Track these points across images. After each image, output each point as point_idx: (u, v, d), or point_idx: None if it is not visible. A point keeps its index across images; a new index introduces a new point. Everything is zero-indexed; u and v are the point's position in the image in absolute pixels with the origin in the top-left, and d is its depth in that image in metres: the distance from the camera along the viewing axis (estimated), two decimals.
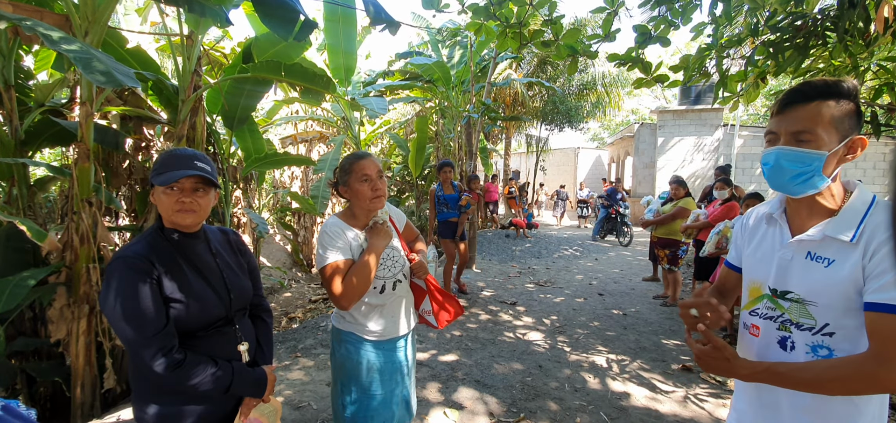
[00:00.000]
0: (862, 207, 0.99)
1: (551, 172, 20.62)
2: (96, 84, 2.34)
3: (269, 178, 11.12)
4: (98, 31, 3.10)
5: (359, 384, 1.58)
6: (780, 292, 1.07)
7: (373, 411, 1.59)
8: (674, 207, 5.52)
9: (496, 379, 3.28)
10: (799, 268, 1.04)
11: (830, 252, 0.99)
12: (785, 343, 1.06)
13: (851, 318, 0.96)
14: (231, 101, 4.84)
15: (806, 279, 1.02)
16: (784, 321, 1.06)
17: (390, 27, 2.80)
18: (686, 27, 4.05)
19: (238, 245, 1.48)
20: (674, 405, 3.00)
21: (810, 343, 1.02)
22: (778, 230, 1.12)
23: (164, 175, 1.22)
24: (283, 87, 8.29)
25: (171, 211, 1.24)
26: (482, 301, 5.42)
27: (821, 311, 1.00)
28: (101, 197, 3.23)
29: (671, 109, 14.67)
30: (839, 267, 0.97)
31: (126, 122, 4.52)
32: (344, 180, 1.62)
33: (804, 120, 0.98)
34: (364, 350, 1.60)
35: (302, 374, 3.29)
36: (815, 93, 0.98)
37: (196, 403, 1.27)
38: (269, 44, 4.85)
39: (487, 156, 13.13)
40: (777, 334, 1.07)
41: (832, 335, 0.99)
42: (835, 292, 0.97)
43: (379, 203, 1.63)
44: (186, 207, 1.25)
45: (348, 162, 1.62)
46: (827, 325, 0.99)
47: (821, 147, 0.97)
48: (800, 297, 1.03)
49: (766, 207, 1.18)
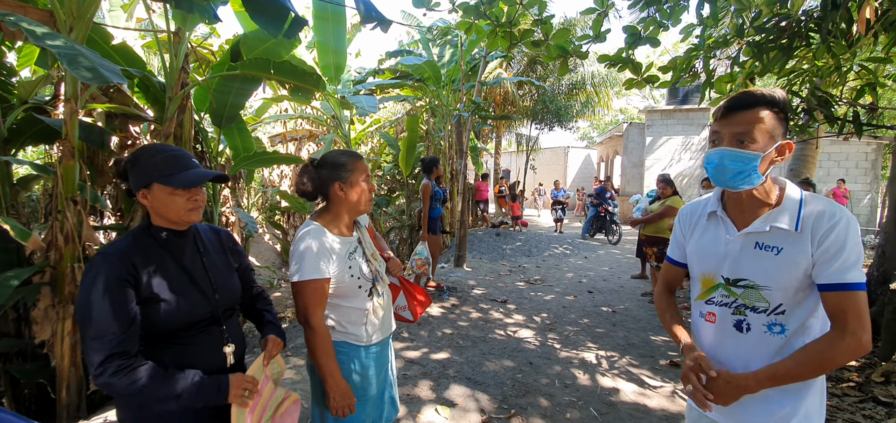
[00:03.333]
0: (796, 198, 1.15)
1: (541, 171, 20.73)
2: (82, 81, 2.31)
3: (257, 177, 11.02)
4: (83, 27, 3.05)
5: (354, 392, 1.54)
6: (732, 280, 1.20)
7: (366, 415, 1.58)
8: (661, 206, 5.59)
9: (487, 376, 3.30)
10: (749, 257, 1.17)
11: (777, 241, 1.14)
12: (741, 325, 1.19)
13: (800, 296, 1.12)
14: (219, 98, 4.78)
15: (758, 267, 1.15)
16: (738, 306, 1.19)
17: (381, 25, 2.80)
18: (675, 28, 4.11)
19: (229, 244, 1.47)
20: (662, 400, 3.04)
21: (766, 323, 1.15)
22: (721, 224, 1.24)
23: (179, 177, 1.22)
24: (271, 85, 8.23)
25: (183, 211, 1.24)
26: (473, 299, 5.44)
27: (774, 294, 1.14)
28: (87, 196, 3.18)
29: (659, 109, 14.84)
30: (788, 254, 1.12)
31: (111, 119, 4.45)
32: (343, 178, 1.52)
33: (744, 124, 1.12)
34: (358, 357, 1.56)
35: (293, 373, 3.28)
36: (754, 101, 1.12)
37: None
38: (257, 41, 4.79)
39: (478, 155, 13.16)
40: (732, 319, 1.20)
41: (784, 313, 1.14)
42: (786, 276, 1.12)
43: (371, 206, 1.61)
44: (198, 206, 1.27)
45: (348, 159, 1.54)
46: (780, 305, 1.14)
47: (757, 149, 1.11)
48: (754, 283, 1.16)
49: (702, 205, 1.33)
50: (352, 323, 1.56)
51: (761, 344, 1.16)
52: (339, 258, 1.50)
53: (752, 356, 1.16)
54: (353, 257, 1.55)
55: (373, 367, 1.60)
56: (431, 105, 10.12)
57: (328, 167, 1.54)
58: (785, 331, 1.14)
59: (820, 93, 3.91)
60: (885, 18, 2.38)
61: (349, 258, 1.53)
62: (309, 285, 1.43)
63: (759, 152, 1.11)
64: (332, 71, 7.20)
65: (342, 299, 1.54)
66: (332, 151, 1.59)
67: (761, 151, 1.11)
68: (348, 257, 1.53)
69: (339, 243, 1.52)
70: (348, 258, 1.53)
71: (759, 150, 1.11)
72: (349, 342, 1.56)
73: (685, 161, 14.29)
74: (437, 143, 10.46)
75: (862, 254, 1.09)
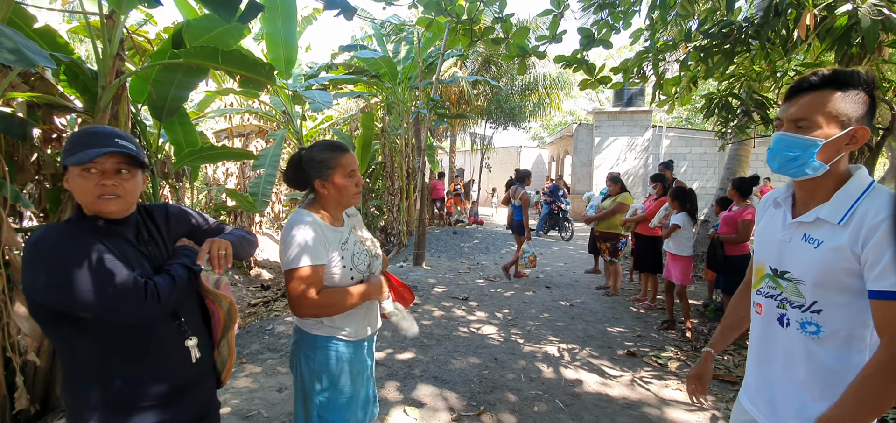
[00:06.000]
0: (856, 191, 1.02)
1: (496, 169, 21.06)
2: (6, 63, 2.04)
3: (201, 174, 10.36)
4: (4, 6, 2.72)
5: (336, 386, 1.48)
6: (779, 272, 1.12)
7: (350, 412, 1.52)
8: (613, 203, 5.82)
9: (454, 374, 3.27)
10: (795, 249, 1.09)
11: (820, 234, 1.04)
12: (782, 320, 1.11)
13: (838, 296, 1.01)
14: (160, 89, 4.43)
15: (799, 259, 1.07)
16: (782, 300, 1.11)
17: (345, 13, 2.69)
18: (626, 32, 4.28)
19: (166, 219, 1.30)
20: (622, 389, 3.15)
21: (800, 320, 1.07)
22: (781, 213, 1.17)
23: (79, 154, 1.05)
24: (216, 77, 7.77)
25: (91, 197, 1.07)
26: (434, 298, 5.40)
27: (809, 289, 1.05)
28: (7, 194, 2.84)
29: (606, 111, 15.52)
30: (826, 248, 1.02)
31: (33, 110, 4.00)
32: (323, 174, 1.48)
33: (805, 108, 1.03)
34: (342, 351, 1.51)
35: (249, 381, 3.09)
36: (822, 82, 1.02)
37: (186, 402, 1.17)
38: (202, 29, 4.49)
39: (434, 153, 13.14)
40: (776, 312, 1.13)
41: (820, 313, 1.04)
42: (821, 272, 1.02)
43: (358, 199, 1.55)
44: (108, 191, 1.08)
45: (329, 155, 1.49)
46: (815, 303, 1.04)
47: (816, 134, 1.01)
48: (793, 276, 1.08)
49: (775, 192, 1.24)
50: (342, 317, 1.50)
51: (797, 342, 1.08)
52: (331, 247, 1.46)
53: (790, 354, 1.09)
54: (345, 247, 1.51)
55: (359, 362, 1.55)
56: (387, 102, 9.97)
57: (310, 163, 1.50)
58: (820, 332, 1.04)
59: (757, 96, 4.21)
60: (823, 25, 2.59)
61: (341, 248, 1.49)
62: (302, 271, 1.38)
63: (819, 139, 1.00)
64: (283, 64, 6.91)
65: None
66: (318, 144, 1.53)
67: (822, 138, 1.00)
68: (340, 247, 1.49)
69: (330, 231, 1.48)
70: (340, 248, 1.49)
71: (820, 136, 1.00)
72: (336, 337, 1.50)
73: (630, 160, 15.03)
74: (393, 141, 10.32)
75: None
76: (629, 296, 5.69)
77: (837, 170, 1.05)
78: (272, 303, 7.07)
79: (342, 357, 1.51)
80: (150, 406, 1.12)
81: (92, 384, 1.09)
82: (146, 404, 1.12)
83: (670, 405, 2.93)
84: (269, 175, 6.68)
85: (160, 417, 1.14)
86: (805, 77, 1.06)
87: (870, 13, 2.39)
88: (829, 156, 1.03)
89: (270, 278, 9.30)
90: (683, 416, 2.80)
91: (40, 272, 1.02)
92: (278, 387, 3.02)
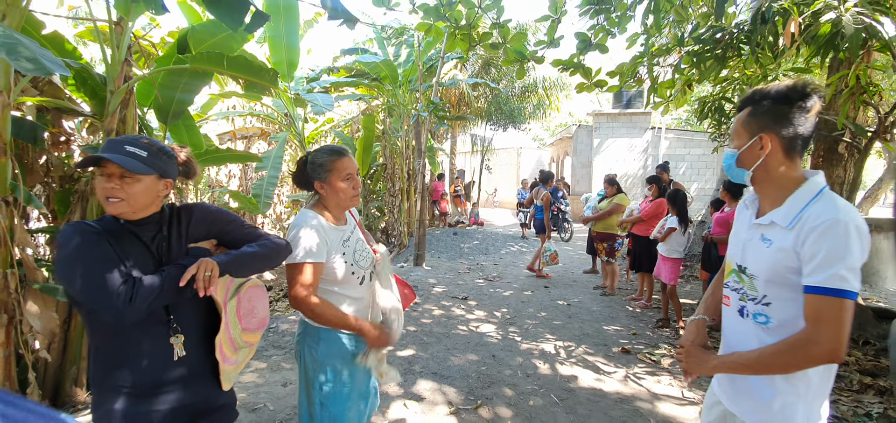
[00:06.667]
0: (807, 196, 1.12)
1: (496, 171, 21.17)
2: (24, 72, 2.13)
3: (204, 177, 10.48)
4: (17, 15, 2.82)
5: (339, 377, 1.57)
6: (742, 268, 1.25)
7: (351, 403, 1.61)
8: (610, 204, 5.93)
9: (453, 370, 3.37)
10: (754, 247, 1.22)
11: (773, 235, 1.16)
12: (742, 312, 1.24)
13: (784, 291, 1.13)
14: (165, 93, 4.53)
15: (756, 257, 1.21)
16: (743, 293, 1.24)
17: (348, 22, 2.79)
18: (622, 36, 4.38)
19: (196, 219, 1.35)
20: (616, 384, 3.24)
21: (754, 312, 1.20)
22: (749, 215, 1.29)
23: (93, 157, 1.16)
24: (219, 80, 7.86)
25: (101, 198, 1.18)
26: (434, 297, 5.49)
27: (762, 284, 1.18)
28: (20, 196, 2.94)
29: (605, 113, 15.59)
30: (775, 247, 1.14)
31: (43, 114, 4.10)
32: (321, 176, 1.59)
33: (733, 127, 1.25)
34: (345, 344, 1.60)
35: (255, 377, 3.18)
36: (742, 103, 1.24)
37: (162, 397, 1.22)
38: (206, 34, 4.59)
39: (434, 155, 13.24)
40: (738, 304, 1.25)
41: (769, 305, 1.17)
42: (771, 269, 1.15)
43: (357, 202, 1.65)
44: (112, 194, 1.16)
45: (326, 158, 1.59)
46: (766, 296, 1.17)
47: (735, 146, 1.22)
48: (751, 272, 1.22)
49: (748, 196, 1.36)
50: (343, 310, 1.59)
51: (752, 331, 1.20)
52: (334, 245, 1.56)
53: (746, 342, 1.21)
54: (347, 244, 1.61)
55: (357, 355, 1.63)
56: (388, 104, 10.07)
57: (311, 166, 1.61)
58: (769, 322, 1.16)
59: None
60: (808, 32, 2.68)
61: (343, 245, 1.59)
62: (304, 267, 1.48)
63: (736, 150, 1.22)
64: (285, 67, 7.01)
65: (336, 285, 1.59)
66: (320, 148, 1.63)
67: (737, 149, 1.22)
68: (342, 244, 1.59)
69: (333, 231, 1.58)
70: (342, 245, 1.59)
71: (736, 147, 1.22)
72: (340, 332, 1.59)
73: (629, 162, 15.11)
74: (394, 143, 10.42)
75: (850, 260, 1.02)
76: (626, 296, 5.78)
77: (779, 176, 1.17)
78: (275, 304, 7.16)
79: (345, 349, 1.60)
80: (127, 394, 1.19)
81: (95, 362, 1.23)
82: (125, 391, 1.19)
83: (662, 399, 3.02)
84: (271, 177, 6.77)
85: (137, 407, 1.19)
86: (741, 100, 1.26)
87: (852, 21, 2.48)
88: (749, 163, 1.20)
89: (273, 279, 9.40)
90: (674, 410, 2.89)
91: (57, 262, 1.17)
92: (283, 382, 3.12)
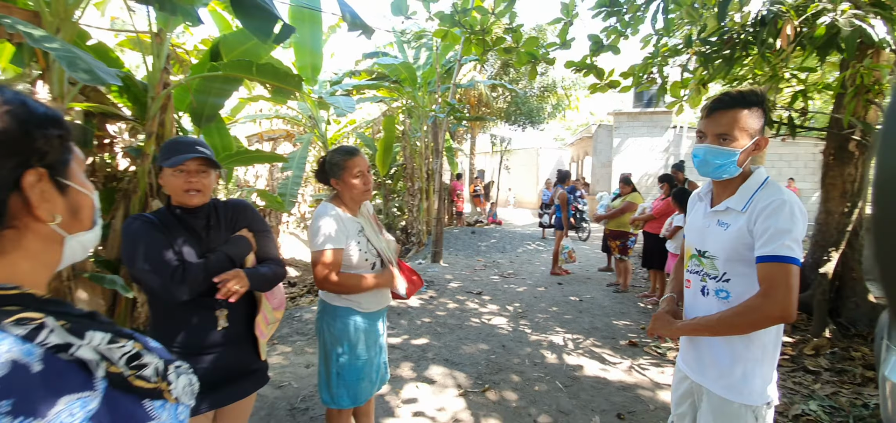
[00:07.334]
0: (755, 185, 1.30)
1: (515, 171, 21.22)
2: (82, 82, 2.43)
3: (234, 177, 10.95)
4: (70, 29, 3.16)
5: (353, 351, 1.81)
6: (701, 252, 1.39)
7: (364, 373, 1.84)
8: (623, 202, 6.02)
9: (464, 358, 3.56)
10: (712, 232, 1.37)
11: (729, 219, 1.32)
12: (703, 291, 1.38)
13: (741, 267, 1.28)
14: (200, 98, 4.87)
15: (714, 240, 1.35)
16: (704, 274, 1.38)
17: (365, 32, 3.02)
18: (635, 37, 4.49)
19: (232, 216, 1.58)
20: (620, 374, 3.37)
21: (715, 289, 1.35)
22: (703, 206, 1.45)
23: (172, 158, 1.40)
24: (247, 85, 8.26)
25: (180, 191, 1.42)
26: (450, 292, 5.70)
27: (722, 263, 1.32)
28: None
29: (626, 112, 15.49)
30: (733, 229, 1.29)
31: (90, 118, 4.48)
32: (336, 174, 1.81)
33: (725, 125, 1.28)
34: (358, 321, 1.83)
35: (281, 358, 3.46)
36: (733, 102, 1.28)
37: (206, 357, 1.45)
38: (237, 42, 4.91)
39: (453, 155, 13.43)
40: (700, 285, 1.40)
41: (729, 281, 1.32)
42: (730, 248, 1.29)
43: (368, 196, 1.88)
44: (193, 187, 1.43)
45: (340, 158, 1.80)
46: (725, 273, 1.32)
47: (736, 146, 1.28)
48: (710, 253, 1.36)
49: (699, 190, 1.53)
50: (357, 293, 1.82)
51: (714, 307, 1.33)
52: (351, 234, 1.79)
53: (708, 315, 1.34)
54: (362, 234, 1.84)
55: (373, 332, 1.87)
56: (407, 106, 10.33)
57: (328, 164, 1.84)
58: (729, 296, 1.30)
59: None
60: (805, 35, 2.76)
61: (358, 235, 1.82)
62: (326, 252, 1.71)
63: (738, 149, 1.27)
64: (309, 71, 7.31)
65: (351, 269, 1.81)
66: (335, 149, 1.85)
67: (740, 148, 1.27)
68: (358, 233, 1.82)
69: (350, 221, 1.81)
70: (358, 235, 1.82)
71: (738, 147, 1.27)
72: (353, 308, 1.82)
73: (650, 161, 14.97)
74: (414, 143, 10.68)
75: (794, 233, 1.18)
76: (639, 292, 5.85)
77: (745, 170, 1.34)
78: (298, 299, 7.48)
79: (358, 326, 1.83)
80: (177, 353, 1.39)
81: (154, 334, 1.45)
82: (175, 350, 1.42)
83: (663, 388, 3.14)
84: (296, 177, 7.09)
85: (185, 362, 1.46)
86: (721, 98, 1.32)
87: (847, 24, 2.57)
88: (742, 161, 1.30)
89: (297, 275, 9.78)
90: None
91: (123, 248, 1.41)
92: (306, 364, 3.38)
